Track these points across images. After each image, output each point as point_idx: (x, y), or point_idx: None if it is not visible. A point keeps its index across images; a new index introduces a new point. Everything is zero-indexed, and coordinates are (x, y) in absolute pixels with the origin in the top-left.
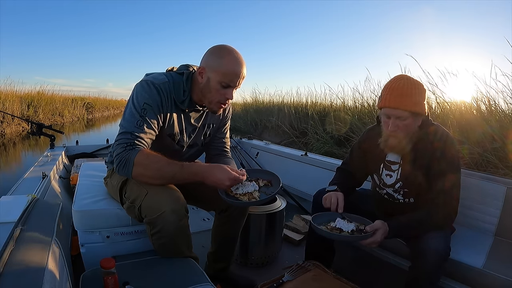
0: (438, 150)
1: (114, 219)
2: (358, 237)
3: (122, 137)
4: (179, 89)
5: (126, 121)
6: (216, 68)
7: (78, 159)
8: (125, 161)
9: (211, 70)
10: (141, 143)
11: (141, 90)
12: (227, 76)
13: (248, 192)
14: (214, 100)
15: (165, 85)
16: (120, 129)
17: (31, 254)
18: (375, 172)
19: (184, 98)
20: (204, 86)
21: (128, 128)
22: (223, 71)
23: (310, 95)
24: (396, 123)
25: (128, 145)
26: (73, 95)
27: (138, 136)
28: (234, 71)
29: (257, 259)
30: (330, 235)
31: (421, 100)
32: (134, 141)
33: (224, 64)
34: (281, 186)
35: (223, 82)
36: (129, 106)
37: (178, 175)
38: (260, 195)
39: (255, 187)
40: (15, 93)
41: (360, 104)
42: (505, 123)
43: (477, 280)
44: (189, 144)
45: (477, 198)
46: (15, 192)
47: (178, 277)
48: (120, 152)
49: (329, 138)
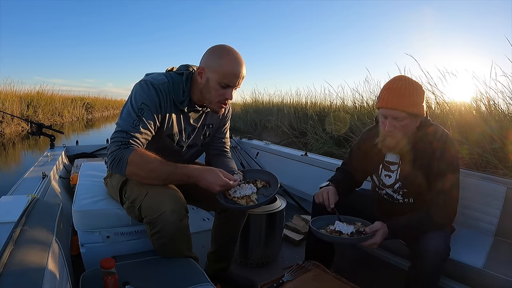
0: (438, 150)
1: (114, 219)
2: (358, 239)
3: (117, 136)
4: (178, 90)
5: (122, 120)
6: (215, 68)
7: (78, 159)
8: (119, 159)
9: (210, 71)
10: (135, 143)
11: (139, 90)
12: (226, 76)
13: (246, 195)
14: (213, 100)
15: (164, 85)
16: (116, 128)
17: (31, 254)
18: (374, 172)
19: (183, 99)
20: (203, 87)
21: (124, 127)
22: (222, 71)
23: (309, 95)
24: (393, 124)
25: (123, 144)
26: (72, 95)
27: (133, 135)
28: (233, 72)
29: (257, 259)
30: (330, 238)
31: (419, 101)
32: (129, 140)
33: (223, 64)
34: (279, 186)
35: (222, 82)
36: (127, 105)
37: (171, 176)
38: (258, 197)
39: (253, 189)
40: (14, 93)
41: (360, 104)
42: (505, 124)
43: (477, 280)
44: (188, 145)
45: (477, 198)
46: (15, 192)
47: (178, 277)
48: (114, 150)
49: (328, 138)
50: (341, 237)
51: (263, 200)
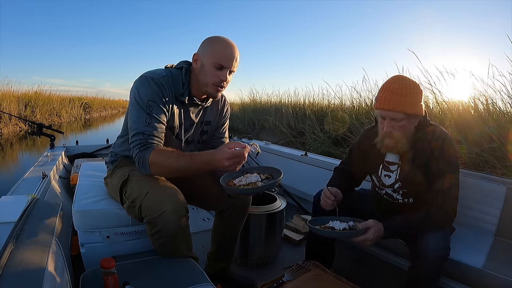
0: (436, 149)
1: (114, 219)
2: (348, 233)
3: (135, 139)
4: (178, 82)
5: (134, 122)
6: (209, 52)
7: (78, 159)
8: (142, 162)
9: (204, 55)
10: (154, 140)
11: (141, 88)
12: (220, 57)
13: (251, 182)
14: (209, 82)
15: (164, 79)
16: (130, 132)
17: (31, 254)
18: (374, 172)
19: (183, 91)
20: (199, 71)
21: (139, 128)
22: (215, 53)
23: (307, 95)
24: (391, 124)
25: (142, 146)
26: (70, 95)
27: (150, 134)
28: (226, 52)
29: (257, 259)
30: (323, 232)
31: (416, 101)
32: (147, 140)
33: (216, 48)
34: (279, 186)
35: (216, 63)
36: (134, 106)
37: (190, 166)
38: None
39: (258, 178)
40: (12, 93)
41: (358, 104)
42: (503, 123)
43: (476, 280)
44: (186, 139)
45: (477, 198)
46: (15, 192)
47: (178, 277)
48: (136, 153)
49: (326, 138)
50: (333, 231)
51: (268, 182)
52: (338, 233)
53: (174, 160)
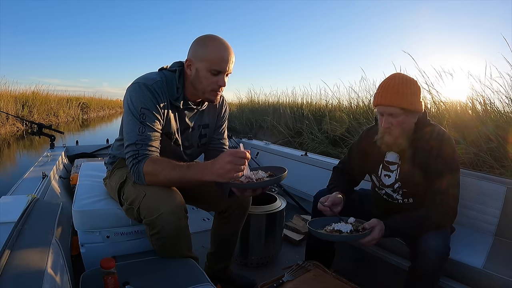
0: (435, 149)
1: (114, 219)
2: (358, 236)
3: (129, 150)
4: (172, 87)
5: (128, 133)
6: (202, 56)
7: (78, 159)
8: (137, 174)
9: (198, 60)
10: (148, 150)
11: (134, 95)
12: (215, 62)
13: (258, 178)
14: (207, 89)
15: (158, 84)
16: (125, 142)
17: (31, 254)
18: (373, 172)
19: (178, 96)
20: (194, 78)
21: (132, 139)
22: (210, 58)
23: (305, 95)
24: (389, 120)
25: (135, 158)
26: (68, 95)
27: (144, 143)
28: (222, 56)
29: (257, 259)
30: (330, 237)
31: (414, 97)
32: (140, 151)
33: (210, 51)
34: (287, 170)
35: (212, 69)
36: (127, 114)
37: (184, 178)
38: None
39: (264, 174)
40: (9, 93)
41: (356, 104)
42: (501, 123)
43: (477, 280)
44: (184, 145)
45: (477, 198)
46: (15, 192)
47: (178, 277)
48: (131, 166)
49: (324, 138)
50: (342, 236)
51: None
52: (346, 237)
53: (169, 172)
